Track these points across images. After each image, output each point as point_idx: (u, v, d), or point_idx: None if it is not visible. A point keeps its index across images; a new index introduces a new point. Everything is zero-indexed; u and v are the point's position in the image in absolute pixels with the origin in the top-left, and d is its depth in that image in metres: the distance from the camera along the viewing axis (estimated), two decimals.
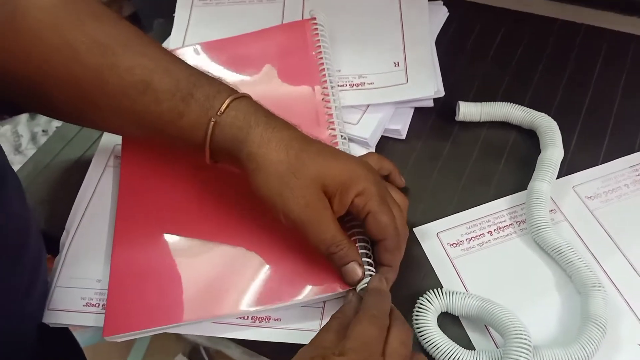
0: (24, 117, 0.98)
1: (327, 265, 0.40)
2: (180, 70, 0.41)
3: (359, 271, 0.39)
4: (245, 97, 0.41)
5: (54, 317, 0.43)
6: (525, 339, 0.37)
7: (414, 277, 0.44)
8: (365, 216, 0.39)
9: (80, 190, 0.50)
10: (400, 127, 0.52)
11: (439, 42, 0.58)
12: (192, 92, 0.40)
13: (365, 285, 0.39)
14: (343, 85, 0.53)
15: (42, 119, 0.96)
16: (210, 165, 0.42)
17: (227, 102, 0.39)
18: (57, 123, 0.97)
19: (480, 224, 0.46)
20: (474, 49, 0.59)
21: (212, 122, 0.39)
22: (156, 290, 0.42)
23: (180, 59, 0.42)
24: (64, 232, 0.47)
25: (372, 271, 0.40)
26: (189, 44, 0.58)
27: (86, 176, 0.50)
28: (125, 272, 0.43)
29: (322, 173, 0.38)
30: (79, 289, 0.45)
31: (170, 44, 0.60)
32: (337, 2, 0.61)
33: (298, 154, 0.38)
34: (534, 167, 0.47)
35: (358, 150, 0.50)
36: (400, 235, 0.40)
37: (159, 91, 0.40)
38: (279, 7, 0.61)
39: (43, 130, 0.93)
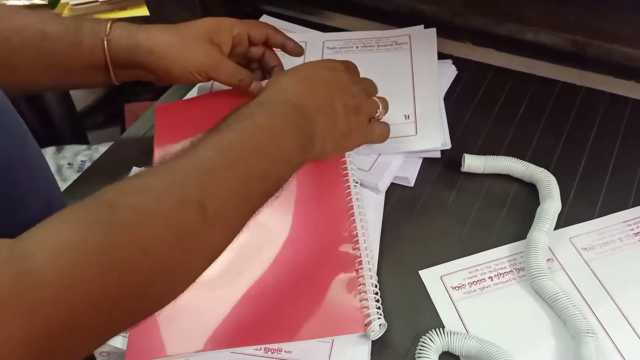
0: (50, 150, 1.03)
1: (337, 308, 0.44)
2: (67, 18, 0.53)
3: (259, 84, 0.55)
4: (124, 21, 0.52)
5: None
6: None
7: (418, 316, 0.46)
8: (250, 38, 0.56)
9: None
10: (409, 175, 0.56)
11: (447, 98, 0.62)
12: (80, 27, 0.51)
13: None
14: None
15: (68, 153, 1.01)
16: None
17: (109, 24, 0.51)
18: (81, 157, 1.01)
19: (481, 269, 0.49)
20: (479, 105, 0.63)
21: (105, 40, 0.50)
22: (179, 319, 0.45)
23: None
24: None
25: (381, 314, 0.43)
26: (216, 89, 0.62)
27: None
28: None
29: (202, 30, 0.52)
30: None
31: (198, 90, 0.64)
32: (352, 56, 0.66)
33: (179, 29, 0.52)
34: (534, 218, 0.51)
35: (369, 195, 0.54)
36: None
37: (54, 34, 0.50)
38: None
39: (69, 164, 0.98)
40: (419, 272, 0.49)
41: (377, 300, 0.44)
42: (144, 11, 0.99)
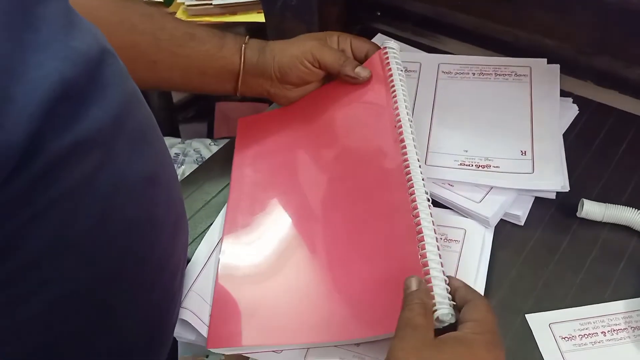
0: None
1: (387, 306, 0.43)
2: (210, 28, 0.60)
3: (366, 70, 0.59)
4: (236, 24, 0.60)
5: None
6: None
7: None
8: (353, 50, 0.61)
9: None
10: (521, 213, 0.54)
11: (566, 137, 0.60)
12: (224, 35, 0.59)
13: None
14: (470, 165, 0.57)
15: None
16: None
17: (247, 36, 0.60)
18: (175, 150, 1.05)
19: (594, 322, 0.47)
20: (599, 149, 0.60)
21: (244, 46, 0.58)
22: (259, 312, 0.46)
23: None
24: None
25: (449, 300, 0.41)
26: None
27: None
28: (230, 289, 0.48)
29: (314, 35, 0.62)
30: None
31: None
32: (468, 83, 0.65)
33: (297, 37, 0.61)
34: None
35: (478, 229, 0.53)
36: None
37: (201, 36, 0.57)
38: None
39: None
40: (526, 316, 0.48)
41: (446, 289, 0.42)
42: (253, 17, 1.01)
